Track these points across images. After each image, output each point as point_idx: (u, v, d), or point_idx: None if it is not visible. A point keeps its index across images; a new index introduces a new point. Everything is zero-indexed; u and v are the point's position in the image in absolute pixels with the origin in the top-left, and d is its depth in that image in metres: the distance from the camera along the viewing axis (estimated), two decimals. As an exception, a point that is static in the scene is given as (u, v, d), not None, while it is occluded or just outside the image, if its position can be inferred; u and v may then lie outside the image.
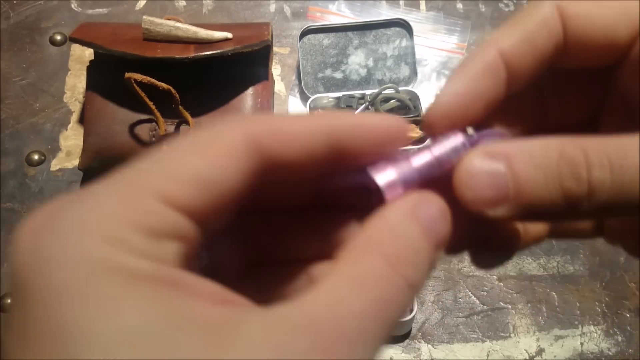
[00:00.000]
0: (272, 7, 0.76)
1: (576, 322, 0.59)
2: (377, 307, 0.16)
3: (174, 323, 0.14)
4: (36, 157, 0.66)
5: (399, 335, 0.58)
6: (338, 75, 0.70)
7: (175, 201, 0.16)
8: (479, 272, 0.62)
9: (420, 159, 0.20)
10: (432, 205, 0.19)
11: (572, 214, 0.19)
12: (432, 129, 0.21)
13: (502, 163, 0.19)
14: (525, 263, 0.63)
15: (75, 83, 0.70)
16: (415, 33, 0.69)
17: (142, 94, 0.56)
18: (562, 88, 0.24)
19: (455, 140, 0.20)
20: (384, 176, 0.19)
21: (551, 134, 0.19)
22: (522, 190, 0.18)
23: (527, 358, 0.58)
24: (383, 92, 0.66)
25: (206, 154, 0.17)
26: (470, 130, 0.21)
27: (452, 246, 0.21)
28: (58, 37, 0.73)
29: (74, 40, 0.61)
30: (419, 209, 0.18)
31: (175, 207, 0.16)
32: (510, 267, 0.62)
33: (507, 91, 0.22)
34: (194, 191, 0.16)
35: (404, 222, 0.18)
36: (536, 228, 0.25)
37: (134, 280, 0.14)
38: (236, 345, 0.14)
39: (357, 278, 0.17)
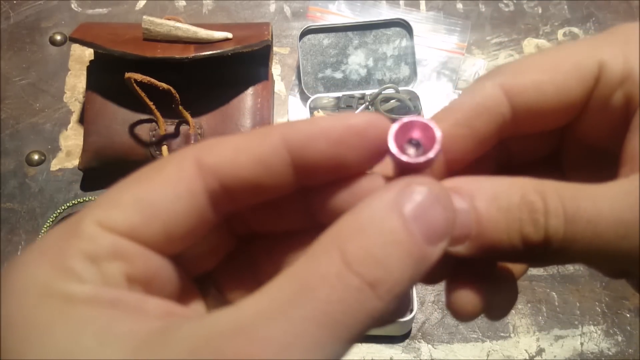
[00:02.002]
0: (272, 7, 0.76)
1: (576, 322, 0.59)
2: (320, 312, 0.15)
3: (100, 339, 0.15)
4: (36, 157, 0.66)
5: (399, 335, 0.58)
6: (338, 75, 0.70)
7: (113, 225, 0.17)
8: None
9: None
10: (421, 191, 0.17)
11: (532, 259, 0.19)
12: None
13: (466, 201, 0.18)
14: (525, 263, 0.62)
15: (75, 83, 0.71)
16: (415, 33, 0.69)
17: (142, 94, 0.56)
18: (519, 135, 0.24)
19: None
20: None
21: (516, 173, 0.19)
22: (484, 230, 0.18)
23: (527, 358, 0.58)
24: (383, 92, 0.66)
25: (149, 180, 0.18)
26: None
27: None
28: (58, 37, 0.73)
29: (74, 40, 0.61)
30: (401, 196, 0.17)
31: (114, 231, 0.17)
32: (510, 267, 0.62)
33: (448, 170, 0.21)
34: (134, 214, 0.17)
35: (377, 212, 0.16)
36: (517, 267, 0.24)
37: (70, 304, 0.16)
38: (154, 354, 0.15)
39: (302, 279, 0.16)
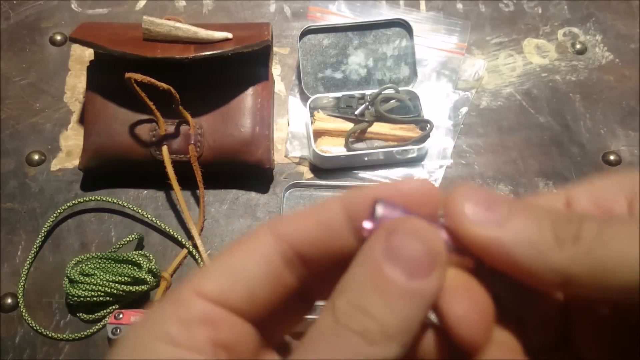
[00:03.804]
0: (272, 7, 0.76)
1: (576, 322, 0.59)
2: None
3: None
4: (36, 157, 0.66)
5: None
6: (338, 75, 0.70)
7: (204, 291, 0.18)
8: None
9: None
10: (391, 233, 0.17)
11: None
12: None
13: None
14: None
15: (76, 83, 0.71)
16: (415, 33, 0.69)
17: (142, 94, 0.56)
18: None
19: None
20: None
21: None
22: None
23: (527, 358, 0.58)
24: (383, 92, 0.66)
25: (234, 251, 0.19)
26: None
27: None
28: (58, 37, 0.73)
29: (74, 40, 0.61)
30: (374, 244, 0.17)
31: (205, 297, 0.18)
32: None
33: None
34: (221, 280, 0.19)
35: (359, 264, 0.17)
36: None
37: None
38: None
39: (309, 341, 0.17)
